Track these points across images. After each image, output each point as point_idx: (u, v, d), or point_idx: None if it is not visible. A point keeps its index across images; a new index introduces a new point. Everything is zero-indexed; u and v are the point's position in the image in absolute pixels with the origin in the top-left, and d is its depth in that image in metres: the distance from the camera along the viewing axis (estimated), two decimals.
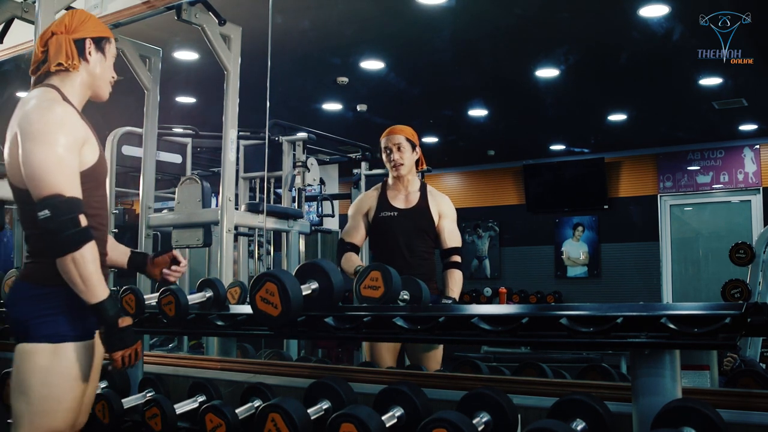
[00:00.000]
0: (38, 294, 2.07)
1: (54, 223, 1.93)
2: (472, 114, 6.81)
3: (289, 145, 5.01)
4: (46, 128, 1.98)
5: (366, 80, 5.69)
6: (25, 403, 2.04)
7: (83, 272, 1.97)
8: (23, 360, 2.04)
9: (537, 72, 5.49)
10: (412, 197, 3.37)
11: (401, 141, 3.34)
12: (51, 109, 2.02)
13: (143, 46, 3.91)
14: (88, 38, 2.15)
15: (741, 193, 7.03)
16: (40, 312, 2.05)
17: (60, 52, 2.09)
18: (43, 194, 1.94)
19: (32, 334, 2.04)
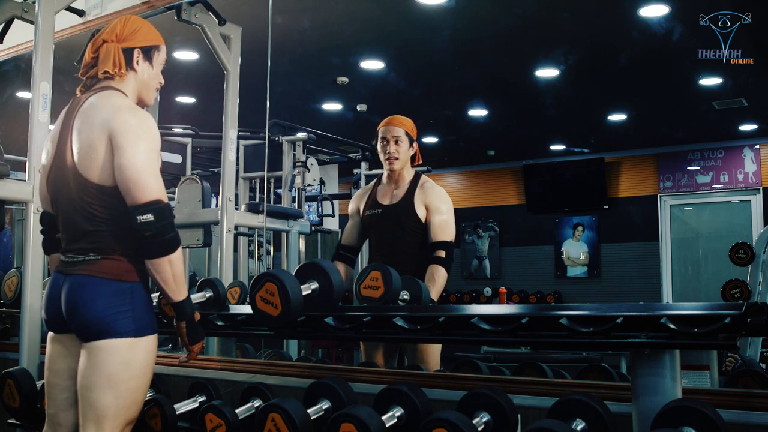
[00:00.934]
0: (118, 289, 2.12)
1: (156, 227, 2.06)
2: (472, 114, 6.81)
3: (289, 145, 5.01)
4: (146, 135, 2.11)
5: (366, 80, 5.69)
6: (113, 397, 2.09)
7: (176, 272, 2.13)
8: (109, 355, 2.08)
9: (537, 72, 5.49)
10: (399, 192, 3.24)
11: (400, 134, 3.23)
12: (145, 116, 2.16)
13: None
14: (137, 48, 2.24)
15: (741, 193, 7.03)
16: (120, 307, 2.11)
17: (107, 60, 2.19)
18: (146, 199, 2.07)
19: (117, 330, 2.09)
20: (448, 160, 8.28)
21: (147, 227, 2.06)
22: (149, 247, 2.09)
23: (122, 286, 2.12)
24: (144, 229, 2.06)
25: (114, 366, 2.09)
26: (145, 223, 2.06)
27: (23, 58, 4.17)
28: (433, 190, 3.23)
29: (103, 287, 2.12)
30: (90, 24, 3.77)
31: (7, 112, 5.54)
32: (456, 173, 8.72)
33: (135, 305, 2.13)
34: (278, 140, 4.97)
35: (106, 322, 2.09)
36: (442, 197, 3.22)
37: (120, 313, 2.10)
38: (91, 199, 2.13)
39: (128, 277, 2.14)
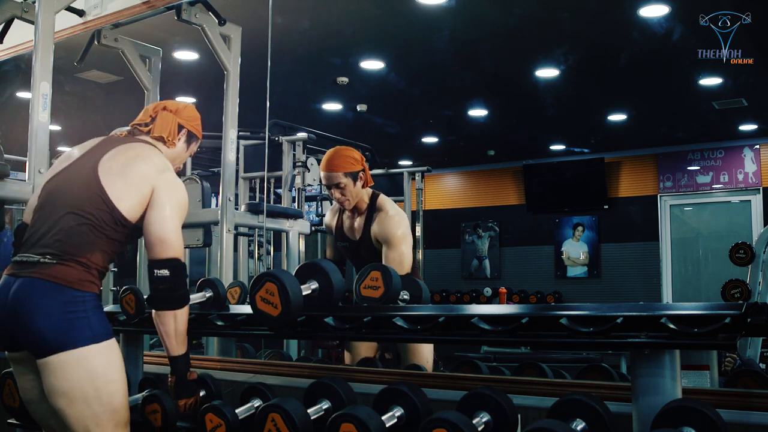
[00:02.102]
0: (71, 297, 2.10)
1: (169, 281, 2.20)
2: (472, 114, 6.80)
3: (289, 145, 5.01)
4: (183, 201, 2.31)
5: (366, 80, 5.69)
6: (97, 405, 2.10)
7: (179, 328, 2.24)
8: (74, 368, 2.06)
9: (537, 72, 5.48)
10: (359, 225, 3.18)
11: (340, 179, 3.08)
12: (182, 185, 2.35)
13: (143, 46, 3.91)
14: (186, 129, 2.52)
15: (741, 193, 7.02)
16: (77, 314, 2.10)
17: (166, 126, 2.45)
18: (166, 256, 2.21)
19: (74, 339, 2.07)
20: (448, 160, 8.28)
21: (162, 281, 2.20)
22: (159, 299, 2.22)
23: (74, 294, 2.11)
24: (159, 282, 2.20)
25: (85, 376, 2.07)
26: (160, 277, 2.20)
27: (23, 58, 4.17)
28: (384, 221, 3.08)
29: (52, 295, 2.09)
30: (90, 24, 3.77)
31: (7, 112, 5.54)
32: (456, 173, 8.72)
33: (89, 312, 2.12)
34: (278, 140, 4.97)
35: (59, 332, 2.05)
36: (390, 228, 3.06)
37: (74, 321, 2.08)
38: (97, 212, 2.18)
39: (81, 286, 2.13)
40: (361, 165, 3.13)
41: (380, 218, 3.09)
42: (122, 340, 2.90)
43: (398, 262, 2.96)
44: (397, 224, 3.07)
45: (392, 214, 3.10)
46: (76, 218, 2.17)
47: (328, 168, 3.10)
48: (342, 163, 3.09)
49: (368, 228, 3.12)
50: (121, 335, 2.91)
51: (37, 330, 2.06)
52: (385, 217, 3.09)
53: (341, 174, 3.08)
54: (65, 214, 2.18)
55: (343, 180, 3.09)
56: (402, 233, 3.05)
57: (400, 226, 3.07)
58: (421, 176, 6.41)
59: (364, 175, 3.13)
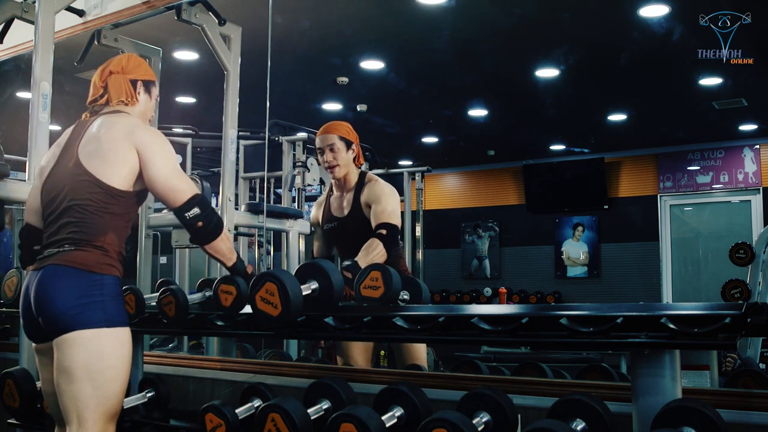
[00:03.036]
0: (88, 280, 2.17)
1: (203, 216, 2.31)
2: (472, 114, 6.80)
3: (289, 145, 5.01)
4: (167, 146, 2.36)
5: (366, 80, 5.69)
6: (92, 388, 2.13)
7: (228, 245, 2.42)
8: (81, 346, 2.13)
9: (537, 72, 5.48)
10: (348, 201, 3.21)
11: (334, 141, 3.16)
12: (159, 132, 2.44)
13: (143, 46, 3.91)
14: (140, 80, 2.49)
15: (741, 193, 7.02)
16: (90, 298, 2.16)
17: (120, 91, 2.43)
18: (186, 198, 2.31)
19: (85, 320, 2.13)
20: (448, 160, 8.27)
21: (197, 219, 2.30)
22: (203, 236, 2.34)
23: (92, 277, 2.18)
24: (195, 223, 2.31)
25: (88, 356, 2.12)
26: (194, 217, 2.30)
27: (23, 58, 4.17)
28: (376, 185, 3.15)
29: (72, 278, 2.17)
30: (90, 24, 3.77)
31: (7, 112, 5.54)
32: (456, 173, 8.71)
33: (105, 297, 2.19)
34: (278, 140, 4.97)
35: (74, 312, 2.13)
36: (385, 191, 3.12)
37: (89, 304, 2.15)
38: (92, 195, 2.24)
39: (99, 269, 2.20)
40: (355, 138, 3.22)
41: (369, 186, 3.17)
42: None
43: (386, 213, 3.02)
44: (387, 190, 3.13)
45: (382, 183, 3.18)
46: (79, 209, 2.25)
47: (325, 130, 3.21)
48: (339, 128, 3.21)
49: (357, 199, 3.17)
50: None
51: (56, 309, 2.15)
52: (374, 184, 3.16)
53: (336, 136, 3.18)
54: (68, 207, 2.26)
55: (337, 143, 3.17)
56: (390, 198, 3.10)
57: (389, 193, 3.12)
58: (421, 176, 6.41)
59: (356, 148, 3.22)
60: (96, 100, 2.45)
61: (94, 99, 2.45)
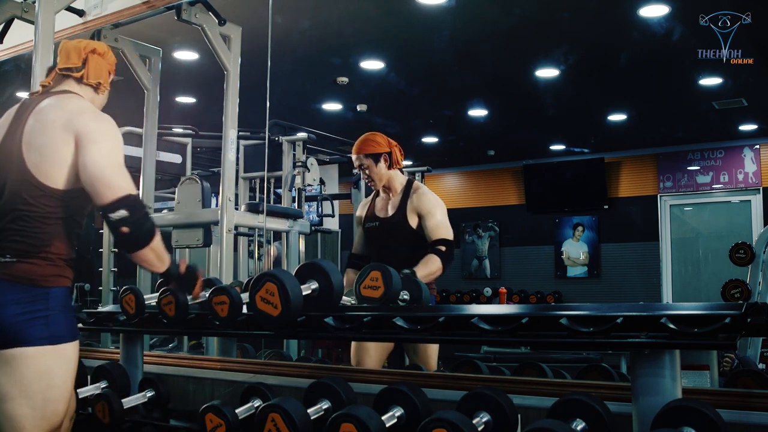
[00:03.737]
0: (31, 295, 2.05)
1: (131, 221, 2.06)
2: (472, 114, 6.80)
3: (289, 145, 5.01)
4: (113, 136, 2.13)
5: (366, 80, 5.69)
6: (29, 408, 2.03)
7: (159, 254, 2.18)
8: (22, 364, 2.02)
9: (537, 72, 5.48)
10: (392, 203, 3.29)
11: (362, 161, 3.26)
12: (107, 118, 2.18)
13: (143, 46, 3.91)
14: (112, 74, 2.37)
15: (741, 193, 7.02)
16: (33, 314, 2.04)
17: (100, 73, 2.29)
18: (115, 196, 2.05)
19: (29, 337, 2.02)
20: (448, 160, 8.28)
21: (122, 223, 2.04)
22: (129, 243, 2.10)
23: (36, 292, 2.05)
24: (119, 227, 2.05)
25: (28, 376, 2.02)
26: (119, 220, 2.04)
27: (23, 58, 4.17)
28: (425, 196, 3.24)
29: (14, 293, 2.04)
30: (90, 24, 3.77)
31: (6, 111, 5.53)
32: (456, 173, 8.72)
33: (51, 311, 2.05)
34: (278, 140, 4.97)
35: (16, 329, 2.01)
36: (432, 200, 3.23)
37: (32, 320, 2.03)
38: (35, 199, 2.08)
39: (44, 282, 2.06)
40: (385, 147, 3.26)
41: (418, 195, 3.24)
42: (122, 340, 2.91)
43: (442, 227, 3.15)
44: (438, 202, 3.25)
45: (432, 194, 3.28)
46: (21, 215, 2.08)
47: (354, 150, 3.29)
48: (363, 147, 3.27)
49: (404, 205, 3.24)
50: (121, 335, 2.91)
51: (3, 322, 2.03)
52: (424, 194, 3.25)
53: (362, 156, 3.26)
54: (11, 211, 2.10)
55: (364, 161, 3.26)
56: (442, 211, 3.22)
57: (440, 205, 3.24)
58: (421, 176, 6.41)
59: (389, 156, 3.27)
60: (69, 70, 2.25)
61: (71, 67, 2.25)
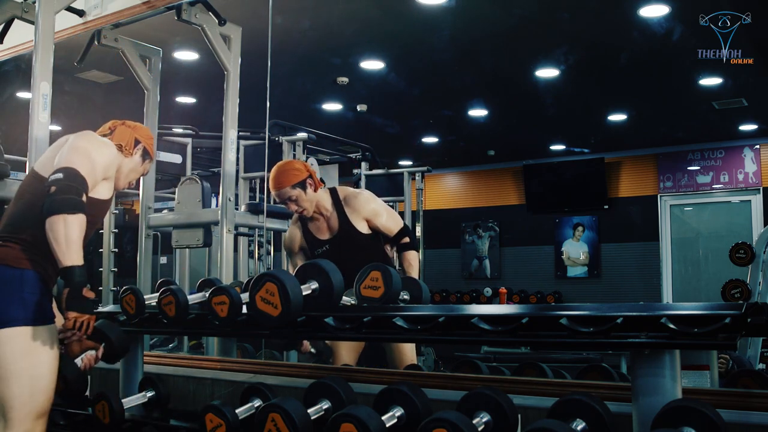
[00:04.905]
0: (6, 276, 2.15)
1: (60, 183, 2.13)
2: (472, 114, 6.80)
3: (289, 145, 5.01)
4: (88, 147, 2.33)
5: (366, 80, 5.69)
6: (16, 386, 2.10)
7: (69, 234, 2.12)
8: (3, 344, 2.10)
9: (537, 72, 5.48)
10: (332, 221, 3.22)
11: (290, 193, 3.12)
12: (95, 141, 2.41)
13: (143, 46, 3.91)
14: (144, 144, 2.59)
15: (741, 193, 7.02)
16: (9, 296, 2.13)
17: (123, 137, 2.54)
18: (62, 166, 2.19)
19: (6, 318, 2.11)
20: (448, 160, 8.28)
21: (53, 184, 2.14)
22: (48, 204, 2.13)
23: (10, 273, 2.15)
24: (49, 186, 2.14)
25: (10, 355, 2.10)
26: (53, 180, 2.15)
27: (23, 58, 4.17)
28: (356, 199, 3.22)
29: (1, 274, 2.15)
30: (90, 24, 3.77)
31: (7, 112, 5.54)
32: (456, 173, 8.72)
33: (25, 293, 2.15)
34: (278, 140, 4.97)
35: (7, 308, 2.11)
36: (368, 199, 3.25)
37: (11, 300, 2.13)
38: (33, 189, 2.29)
39: (18, 263, 2.17)
40: (305, 172, 3.16)
41: (353, 201, 3.22)
42: None
43: (393, 219, 3.24)
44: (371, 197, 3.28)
45: (361, 194, 3.28)
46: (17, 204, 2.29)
47: (275, 186, 3.15)
48: (287, 178, 3.13)
49: (344, 217, 3.20)
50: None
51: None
52: (354, 198, 3.23)
53: (289, 188, 3.12)
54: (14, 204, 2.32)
55: (292, 192, 3.12)
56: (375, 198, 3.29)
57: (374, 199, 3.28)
58: (421, 176, 6.41)
59: (312, 180, 3.17)
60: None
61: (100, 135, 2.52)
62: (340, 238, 3.20)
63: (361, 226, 3.19)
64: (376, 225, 3.20)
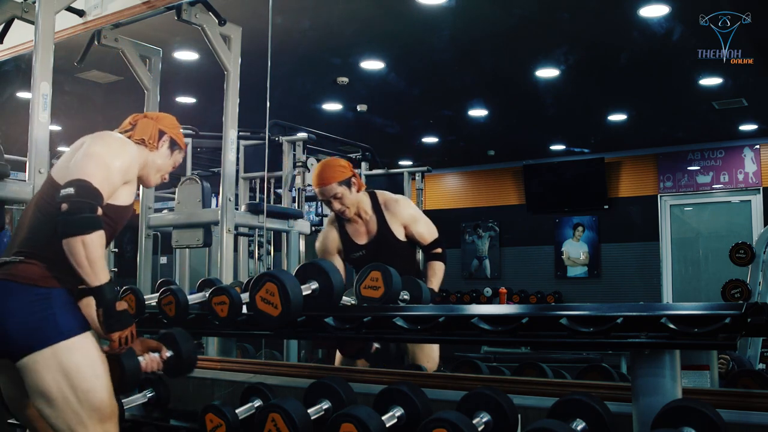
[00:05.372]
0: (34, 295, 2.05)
1: (72, 201, 2.01)
2: (472, 114, 6.80)
3: (289, 145, 5.01)
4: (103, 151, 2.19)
5: (366, 80, 5.69)
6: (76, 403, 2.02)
7: (91, 255, 2.01)
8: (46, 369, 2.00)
9: (537, 72, 5.48)
10: (371, 225, 3.16)
11: (335, 190, 3.05)
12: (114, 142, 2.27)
13: (143, 46, 3.91)
14: (169, 135, 2.44)
15: (741, 193, 7.02)
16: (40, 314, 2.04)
17: (146, 131, 2.38)
18: (75, 177, 2.06)
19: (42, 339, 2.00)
20: (448, 160, 8.28)
21: (64, 200, 2.01)
22: (62, 224, 2.01)
23: (38, 292, 2.05)
24: (60, 203, 2.01)
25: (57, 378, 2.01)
26: (63, 196, 2.02)
27: (23, 58, 4.17)
28: (396, 204, 3.19)
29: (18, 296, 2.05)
30: (90, 24, 3.77)
31: (7, 112, 5.54)
32: (456, 173, 8.72)
33: (56, 309, 2.05)
34: (278, 140, 4.97)
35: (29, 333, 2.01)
36: (407, 206, 3.23)
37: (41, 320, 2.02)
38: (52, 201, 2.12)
39: (44, 282, 2.07)
40: (350, 171, 3.12)
41: (393, 206, 3.18)
42: None
43: (429, 229, 3.22)
44: (410, 203, 3.31)
45: (401, 199, 3.27)
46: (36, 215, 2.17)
47: (320, 182, 3.08)
48: (333, 174, 3.07)
49: (383, 222, 3.15)
50: None
51: (5, 333, 2.02)
52: (395, 203, 3.20)
53: (335, 184, 3.06)
54: (33, 214, 2.20)
55: (338, 190, 3.06)
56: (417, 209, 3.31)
57: (413, 205, 3.32)
58: (421, 176, 6.41)
59: (356, 180, 3.13)
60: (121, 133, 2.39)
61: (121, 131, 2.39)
62: (377, 243, 3.14)
63: (399, 232, 3.15)
64: (412, 232, 3.16)
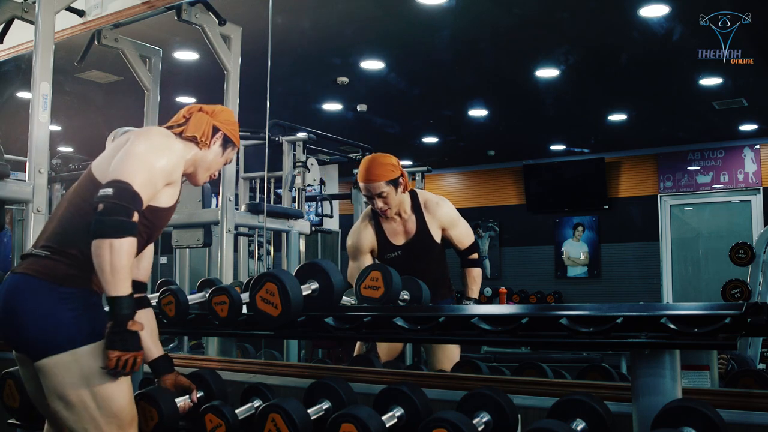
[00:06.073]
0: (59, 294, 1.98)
1: (109, 201, 1.92)
2: (472, 114, 6.80)
3: (289, 145, 5.01)
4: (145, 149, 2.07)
5: (366, 80, 5.69)
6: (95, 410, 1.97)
7: (115, 262, 1.91)
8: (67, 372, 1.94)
9: (537, 72, 5.48)
10: (409, 225, 3.10)
11: (382, 189, 2.98)
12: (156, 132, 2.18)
13: (143, 46, 3.91)
14: (223, 132, 2.30)
15: (741, 193, 7.02)
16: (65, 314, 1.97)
17: (200, 127, 2.24)
18: (116, 177, 1.97)
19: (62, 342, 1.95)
20: (448, 160, 8.28)
21: (100, 200, 1.93)
22: (95, 225, 1.92)
23: (62, 291, 1.98)
24: (98, 203, 1.93)
25: (77, 382, 1.95)
26: (101, 197, 1.94)
27: (23, 58, 4.17)
28: (437, 206, 3.13)
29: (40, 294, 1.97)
30: (90, 24, 3.77)
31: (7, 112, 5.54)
32: (456, 173, 8.72)
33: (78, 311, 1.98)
34: (278, 140, 4.97)
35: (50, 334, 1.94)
36: (447, 209, 3.15)
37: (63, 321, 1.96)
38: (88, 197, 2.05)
39: (70, 282, 1.99)
40: (399, 170, 3.04)
41: (433, 207, 3.12)
42: None
43: (466, 234, 3.18)
44: (450, 206, 3.19)
45: (442, 201, 3.18)
46: (70, 209, 2.09)
47: (368, 178, 3.00)
48: (383, 172, 3.00)
49: (423, 223, 3.09)
50: None
51: (24, 332, 1.96)
52: (436, 205, 3.13)
53: (383, 183, 2.99)
54: (65, 207, 2.12)
55: (385, 189, 2.99)
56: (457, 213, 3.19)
57: (452, 207, 3.19)
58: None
59: (403, 180, 3.04)
60: (172, 126, 2.26)
61: (173, 124, 2.27)
62: (414, 245, 3.09)
63: (437, 234, 3.09)
64: (450, 235, 3.11)
